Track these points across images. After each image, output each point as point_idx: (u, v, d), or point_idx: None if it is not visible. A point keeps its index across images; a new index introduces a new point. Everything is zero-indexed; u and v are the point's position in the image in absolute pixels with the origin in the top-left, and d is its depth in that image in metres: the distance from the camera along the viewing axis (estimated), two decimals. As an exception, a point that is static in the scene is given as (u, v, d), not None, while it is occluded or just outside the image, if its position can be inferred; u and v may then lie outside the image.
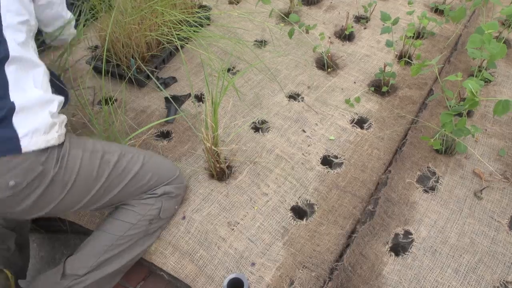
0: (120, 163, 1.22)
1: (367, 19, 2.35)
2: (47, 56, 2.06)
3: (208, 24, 2.26)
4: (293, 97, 1.91)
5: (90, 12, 1.88)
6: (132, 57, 1.87)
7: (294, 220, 1.45)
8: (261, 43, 2.20)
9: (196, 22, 1.92)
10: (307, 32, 2.19)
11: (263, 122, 1.79)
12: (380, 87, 1.92)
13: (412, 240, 1.37)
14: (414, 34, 1.97)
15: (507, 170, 1.56)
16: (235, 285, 1.19)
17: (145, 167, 1.28)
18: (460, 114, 1.68)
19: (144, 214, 1.28)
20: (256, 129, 1.77)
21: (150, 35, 1.84)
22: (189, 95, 1.91)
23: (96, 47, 2.14)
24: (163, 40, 1.84)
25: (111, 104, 1.87)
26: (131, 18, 1.76)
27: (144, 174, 1.27)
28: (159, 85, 1.69)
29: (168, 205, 1.35)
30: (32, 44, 1.17)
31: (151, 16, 1.84)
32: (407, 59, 1.93)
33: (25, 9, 1.15)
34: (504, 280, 1.27)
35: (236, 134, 1.72)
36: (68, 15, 1.46)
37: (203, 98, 1.91)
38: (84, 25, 2.18)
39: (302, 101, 1.88)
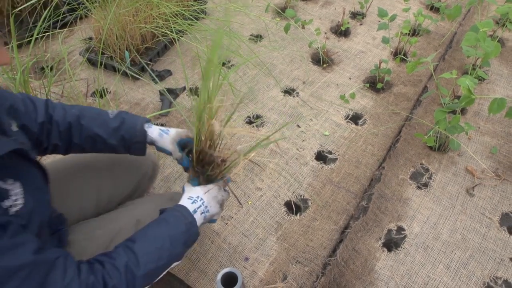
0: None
1: (363, 15, 2.34)
2: (40, 48, 2.03)
3: (204, 18, 2.25)
4: (288, 92, 1.90)
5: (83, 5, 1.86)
6: (127, 49, 1.85)
7: (288, 215, 1.45)
8: (257, 38, 2.19)
9: (191, 15, 1.91)
10: (303, 27, 2.18)
11: (258, 116, 1.79)
12: (375, 83, 1.92)
13: (405, 236, 1.38)
14: (409, 31, 1.97)
15: (499, 168, 1.58)
16: (228, 279, 1.18)
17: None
18: (453, 112, 1.69)
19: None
20: (250, 123, 1.76)
21: (145, 27, 1.82)
22: (184, 88, 1.90)
23: (90, 38, 2.12)
24: (158, 33, 1.82)
25: (105, 96, 1.85)
26: (125, 10, 1.74)
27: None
28: (154, 77, 1.68)
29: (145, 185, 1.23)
30: None
31: (146, 8, 1.82)
32: (402, 56, 1.94)
33: None
34: (494, 276, 1.28)
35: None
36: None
37: (198, 91, 1.90)
38: (79, 17, 2.15)
39: (297, 96, 1.87)
